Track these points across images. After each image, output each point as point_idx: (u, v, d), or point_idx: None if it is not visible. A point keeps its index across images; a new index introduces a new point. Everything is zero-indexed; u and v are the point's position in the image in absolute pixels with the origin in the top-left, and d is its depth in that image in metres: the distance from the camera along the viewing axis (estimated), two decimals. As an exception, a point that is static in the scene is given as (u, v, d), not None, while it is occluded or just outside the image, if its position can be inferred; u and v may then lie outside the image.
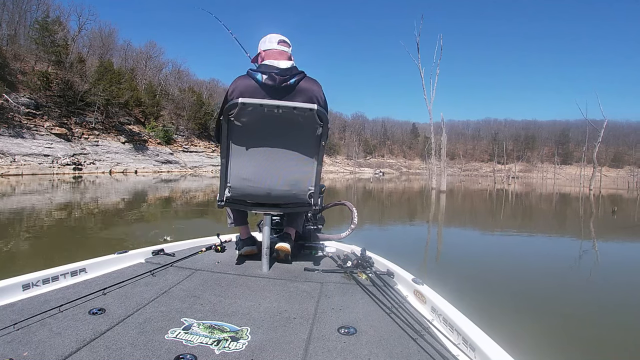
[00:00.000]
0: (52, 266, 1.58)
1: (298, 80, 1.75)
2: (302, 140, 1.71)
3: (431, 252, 5.74)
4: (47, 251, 4.70)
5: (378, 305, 1.38)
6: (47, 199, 11.00)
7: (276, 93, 1.72)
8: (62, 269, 1.59)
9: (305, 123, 1.66)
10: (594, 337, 2.66)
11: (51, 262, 1.64)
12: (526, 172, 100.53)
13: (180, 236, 2.17)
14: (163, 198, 13.42)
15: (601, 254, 5.89)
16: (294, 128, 1.68)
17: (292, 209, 1.88)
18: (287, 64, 1.79)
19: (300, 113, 1.63)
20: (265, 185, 1.76)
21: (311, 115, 1.63)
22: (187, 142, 48.58)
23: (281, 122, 1.66)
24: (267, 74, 1.72)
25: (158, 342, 1.07)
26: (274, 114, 1.63)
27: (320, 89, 1.81)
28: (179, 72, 61.54)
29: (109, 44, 48.11)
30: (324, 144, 1.72)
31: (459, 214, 11.46)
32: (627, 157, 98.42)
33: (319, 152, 1.73)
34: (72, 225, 6.89)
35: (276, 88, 1.72)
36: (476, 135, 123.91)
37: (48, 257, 4.24)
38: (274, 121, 1.65)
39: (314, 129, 1.67)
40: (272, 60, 1.80)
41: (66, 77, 33.91)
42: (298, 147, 1.72)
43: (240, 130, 1.68)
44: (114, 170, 32.55)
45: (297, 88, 1.75)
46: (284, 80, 1.72)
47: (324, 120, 1.66)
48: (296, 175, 1.76)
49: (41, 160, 27.26)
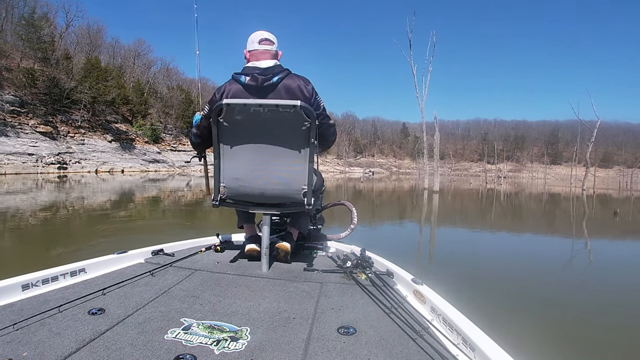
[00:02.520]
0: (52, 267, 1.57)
1: (281, 78, 1.74)
2: (289, 139, 1.69)
3: (429, 252, 5.75)
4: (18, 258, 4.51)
5: (378, 305, 1.38)
6: (31, 199, 10.77)
7: (259, 93, 1.73)
8: (62, 269, 1.58)
9: (292, 120, 1.64)
10: (592, 336, 2.69)
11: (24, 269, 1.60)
12: (516, 172, 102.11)
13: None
14: (151, 198, 13.26)
15: (605, 255, 5.87)
16: (281, 126, 1.67)
17: (287, 208, 1.86)
18: (269, 63, 1.78)
19: (285, 110, 1.61)
20: (257, 184, 1.77)
21: (296, 112, 1.61)
22: (175, 141, 48.11)
23: (268, 121, 1.66)
24: (249, 76, 1.73)
25: (157, 342, 1.07)
26: (260, 113, 1.63)
27: (306, 85, 1.77)
28: (167, 70, 60.92)
29: (96, 41, 47.39)
30: (314, 140, 1.67)
31: (455, 214, 11.49)
32: (616, 157, 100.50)
33: (309, 150, 1.70)
34: (53, 226, 6.76)
35: (259, 88, 1.73)
36: (466, 135, 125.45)
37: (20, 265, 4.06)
38: (261, 121, 1.66)
39: (300, 126, 1.64)
40: (255, 62, 1.80)
41: (52, 74, 33.32)
42: (286, 146, 1.70)
43: (229, 132, 1.70)
44: (100, 170, 32.08)
45: (280, 86, 1.74)
46: (265, 80, 1.72)
47: (311, 117, 1.62)
48: (287, 175, 1.74)
49: (25, 159, 26.72)
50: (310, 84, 1.80)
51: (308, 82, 1.79)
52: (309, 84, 1.79)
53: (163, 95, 51.95)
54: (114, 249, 1.90)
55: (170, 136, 48.01)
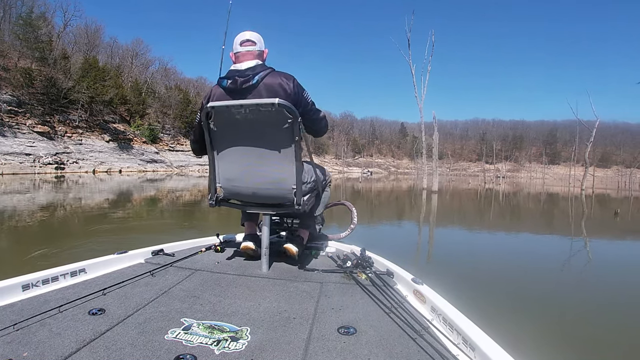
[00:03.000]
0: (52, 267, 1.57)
1: (262, 78, 1.72)
2: (274, 138, 1.67)
3: (429, 252, 5.75)
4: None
5: (378, 305, 1.38)
6: (29, 200, 10.73)
7: (240, 94, 1.72)
8: (62, 269, 1.58)
9: (274, 119, 1.63)
10: (592, 335, 2.69)
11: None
12: (514, 172, 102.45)
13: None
14: (152, 198, 13.23)
15: (606, 255, 5.85)
16: (265, 126, 1.66)
17: (282, 209, 1.84)
18: (250, 64, 1.76)
19: (265, 110, 1.61)
20: (248, 185, 1.78)
21: (277, 111, 1.59)
22: (173, 141, 48.01)
23: (252, 122, 1.66)
24: (230, 79, 1.74)
25: (158, 342, 1.07)
26: (243, 114, 1.64)
27: (288, 81, 1.73)
28: (165, 70, 60.89)
29: (94, 40, 47.28)
30: (299, 138, 1.64)
31: (454, 214, 11.47)
32: (614, 157, 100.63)
33: (295, 147, 1.66)
34: (52, 226, 6.73)
35: (238, 90, 1.73)
36: (464, 135, 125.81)
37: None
38: (246, 122, 1.66)
39: (283, 124, 1.62)
40: (237, 64, 1.79)
41: (50, 74, 33.16)
42: (272, 145, 1.69)
43: (219, 135, 1.76)
44: (97, 170, 31.98)
45: (261, 85, 1.72)
46: (245, 81, 1.71)
47: (293, 114, 1.60)
48: (275, 174, 1.73)
49: (22, 159, 26.61)
50: (293, 80, 1.75)
51: (290, 78, 1.75)
52: (292, 80, 1.74)
53: (161, 95, 51.84)
54: (114, 249, 1.90)
55: (168, 136, 47.88)
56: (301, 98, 1.75)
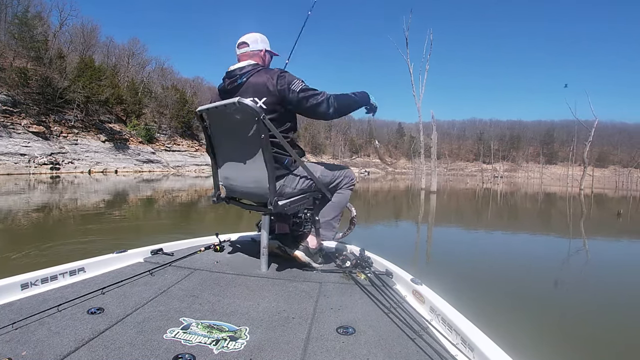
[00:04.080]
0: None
1: (248, 77, 1.73)
2: (247, 138, 1.67)
3: (428, 252, 5.74)
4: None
5: (377, 305, 1.39)
6: (24, 200, 10.67)
7: (229, 95, 1.75)
8: (61, 268, 1.58)
9: (242, 119, 1.64)
10: (591, 335, 2.69)
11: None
12: (511, 172, 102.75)
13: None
14: (149, 199, 13.18)
15: (607, 255, 5.83)
16: (241, 126, 1.67)
17: (265, 208, 1.77)
18: (241, 64, 1.79)
19: (231, 110, 1.64)
20: (239, 183, 1.83)
21: (241, 110, 1.60)
22: (169, 141, 47.77)
23: (234, 122, 1.69)
24: (223, 80, 1.81)
25: (157, 341, 1.07)
26: (226, 115, 1.69)
27: (273, 78, 1.68)
28: (162, 69, 60.47)
29: (90, 40, 46.93)
30: (264, 136, 1.59)
31: (453, 214, 11.45)
32: (611, 157, 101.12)
33: (262, 147, 1.61)
34: (51, 226, 6.69)
35: (227, 91, 1.78)
36: (461, 135, 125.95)
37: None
38: (229, 122, 1.71)
39: (250, 123, 1.61)
40: (231, 66, 1.84)
41: (45, 73, 32.90)
42: (250, 145, 1.68)
43: (213, 134, 1.89)
44: (93, 170, 31.77)
45: (247, 85, 1.73)
46: (232, 82, 1.76)
47: (254, 113, 1.56)
48: (254, 174, 1.73)
49: (17, 159, 26.41)
50: (278, 74, 1.71)
51: (275, 73, 1.71)
52: (276, 75, 1.70)
53: (157, 95, 51.52)
54: (113, 249, 1.89)
55: (164, 136, 47.63)
56: (287, 92, 1.68)
